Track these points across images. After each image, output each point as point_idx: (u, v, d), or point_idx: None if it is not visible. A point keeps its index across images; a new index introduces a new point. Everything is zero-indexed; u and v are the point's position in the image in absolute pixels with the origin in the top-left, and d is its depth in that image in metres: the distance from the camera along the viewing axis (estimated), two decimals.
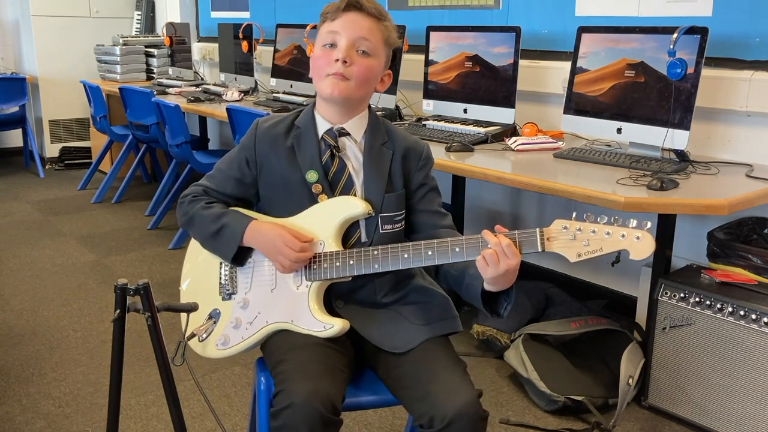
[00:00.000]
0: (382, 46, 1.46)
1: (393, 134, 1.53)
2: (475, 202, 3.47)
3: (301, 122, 1.52)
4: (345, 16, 1.43)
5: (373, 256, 1.39)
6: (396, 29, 1.51)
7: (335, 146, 1.48)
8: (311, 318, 1.44)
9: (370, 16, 1.44)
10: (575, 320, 2.49)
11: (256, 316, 1.49)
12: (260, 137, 1.52)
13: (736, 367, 2.07)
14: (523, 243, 1.28)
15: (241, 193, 1.55)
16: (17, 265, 3.61)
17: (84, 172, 5.41)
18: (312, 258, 1.44)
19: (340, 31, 1.42)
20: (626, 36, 2.40)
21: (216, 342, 1.53)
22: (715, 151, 2.50)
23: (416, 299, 1.53)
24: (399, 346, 1.45)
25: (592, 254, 1.24)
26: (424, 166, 1.54)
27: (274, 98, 3.88)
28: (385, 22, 1.46)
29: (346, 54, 1.41)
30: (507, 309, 1.37)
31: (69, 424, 2.21)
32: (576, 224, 1.25)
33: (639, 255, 1.22)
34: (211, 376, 2.50)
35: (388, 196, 1.48)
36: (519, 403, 2.36)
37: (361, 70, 1.43)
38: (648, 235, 1.21)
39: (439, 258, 1.35)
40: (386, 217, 1.48)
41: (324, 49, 1.45)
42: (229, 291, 1.53)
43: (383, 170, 1.49)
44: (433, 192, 1.55)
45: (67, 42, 5.64)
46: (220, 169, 1.56)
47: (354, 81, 1.43)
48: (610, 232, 1.23)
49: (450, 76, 3.01)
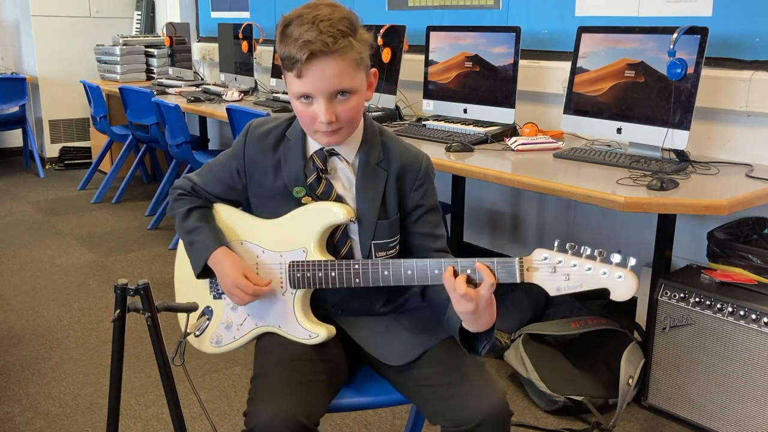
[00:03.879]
0: (357, 72, 1.32)
1: (389, 149, 1.45)
2: (475, 202, 3.47)
3: (291, 134, 1.45)
4: (309, 70, 1.27)
5: (354, 270, 1.36)
6: (361, 28, 1.33)
7: (323, 168, 1.42)
8: (297, 326, 1.43)
9: (333, 56, 1.27)
10: (575, 320, 2.49)
11: (245, 318, 1.49)
12: (249, 145, 1.47)
13: (736, 367, 2.07)
14: (501, 270, 1.21)
15: (229, 196, 1.53)
16: (17, 265, 3.61)
17: (84, 172, 5.41)
18: (296, 265, 1.41)
19: (311, 90, 1.30)
20: (626, 36, 2.40)
21: (210, 340, 1.54)
22: (715, 151, 2.50)
23: (417, 304, 1.51)
24: (396, 358, 1.43)
25: (572, 290, 1.17)
26: (421, 185, 1.45)
27: (274, 98, 3.88)
28: (350, 46, 1.29)
29: (328, 115, 1.30)
30: (485, 348, 1.30)
31: (69, 424, 2.21)
32: (557, 256, 1.17)
33: (620, 296, 1.14)
34: (211, 376, 2.50)
35: (381, 223, 1.42)
36: (519, 403, 2.36)
37: (349, 115, 1.33)
38: (630, 275, 1.13)
39: (418, 279, 1.30)
40: (379, 245, 1.43)
41: (301, 102, 1.33)
42: (219, 291, 1.52)
43: (377, 195, 1.42)
44: (430, 213, 1.47)
45: (67, 42, 5.64)
46: (212, 170, 1.54)
47: (345, 128, 1.35)
48: (591, 267, 1.15)
49: (450, 76, 3.01)
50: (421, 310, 1.50)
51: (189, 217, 1.50)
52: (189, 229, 1.48)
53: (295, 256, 1.42)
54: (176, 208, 1.53)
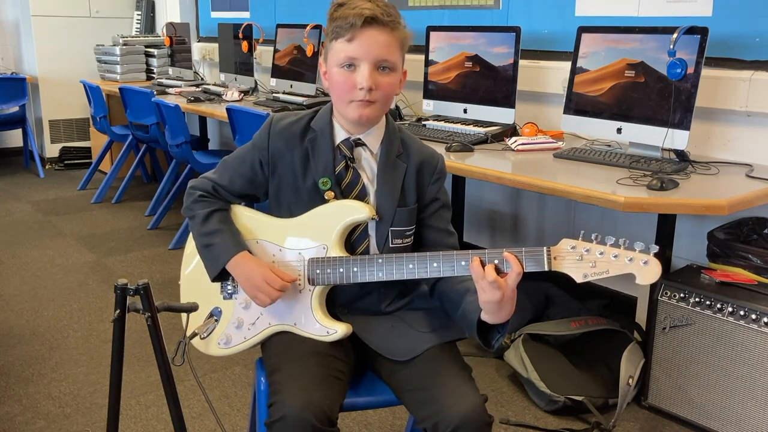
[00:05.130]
0: (400, 56, 1.41)
1: (408, 146, 1.50)
2: (475, 202, 3.47)
3: (317, 125, 1.47)
4: (362, 35, 1.35)
5: (378, 264, 1.37)
6: (406, 27, 1.44)
7: (350, 157, 1.45)
8: (315, 323, 1.43)
9: (386, 28, 1.36)
10: (575, 320, 2.49)
11: (258, 317, 1.49)
12: (274, 137, 1.48)
13: (736, 367, 2.07)
14: (529, 260, 1.25)
15: (249, 191, 1.52)
16: (17, 265, 3.61)
17: (84, 172, 5.41)
18: (316, 262, 1.42)
19: (359, 54, 1.35)
20: (626, 36, 2.40)
21: (218, 341, 1.53)
22: (715, 151, 2.50)
23: (421, 305, 1.52)
24: (402, 353, 1.44)
25: (598, 276, 1.23)
26: (438, 180, 1.51)
27: (274, 98, 3.88)
28: (399, 26, 1.39)
29: (370, 82, 1.36)
30: (498, 341, 1.35)
31: (69, 424, 2.21)
32: (584, 245, 1.24)
33: (646, 280, 1.20)
34: (211, 376, 2.50)
35: (400, 210, 1.46)
36: (519, 403, 2.36)
37: (386, 90, 1.39)
38: (655, 261, 1.19)
39: (444, 270, 1.32)
40: (397, 231, 1.46)
41: (343, 71, 1.38)
42: (230, 291, 1.52)
43: (397, 183, 1.46)
44: (444, 209, 1.52)
45: (67, 42, 5.64)
46: (231, 166, 1.52)
47: (379, 103, 1.39)
48: (618, 254, 1.21)
49: (450, 76, 3.01)
50: (426, 310, 1.51)
51: (210, 220, 1.48)
52: (209, 231, 1.47)
53: (315, 253, 1.43)
54: (196, 209, 1.50)
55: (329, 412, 1.29)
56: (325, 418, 1.27)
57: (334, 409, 1.31)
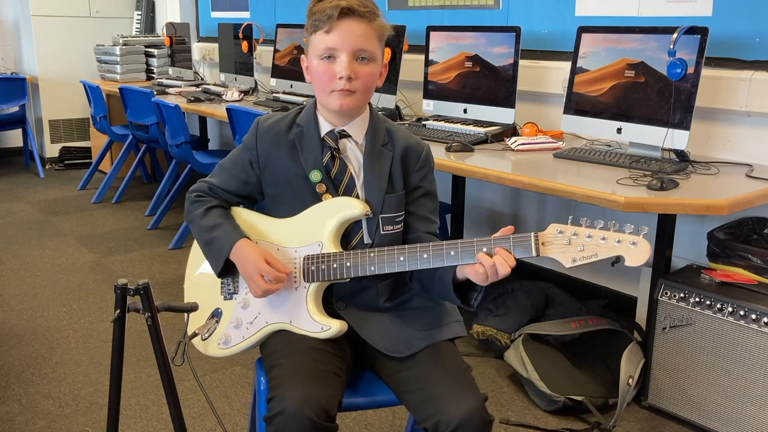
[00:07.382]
0: (379, 46, 1.44)
1: (393, 134, 1.52)
2: (475, 202, 3.47)
3: (302, 121, 1.51)
4: (340, 26, 1.39)
5: (369, 258, 1.39)
6: (384, 17, 1.48)
7: (335, 148, 1.48)
8: (309, 319, 1.44)
9: (363, 19, 1.40)
10: (575, 320, 2.49)
11: (256, 316, 1.50)
12: (261, 136, 1.51)
13: (736, 367, 2.07)
14: (517, 247, 1.26)
15: (245, 191, 1.55)
16: (17, 265, 3.61)
17: (84, 172, 5.41)
18: (310, 258, 1.44)
19: (337, 45, 1.39)
20: (626, 36, 2.40)
21: (218, 341, 1.53)
22: (715, 151, 2.50)
23: (419, 304, 1.53)
24: (400, 350, 1.44)
25: (587, 260, 1.23)
26: (422, 167, 1.52)
27: (274, 98, 3.88)
28: (377, 18, 1.43)
29: (349, 71, 1.39)
30: (477, 299, 1.38)
31: (69, 424, 2.21)
32: (571, 229, 1.24)
33: (635, 261, 1.20)
34: (211, 376, 2.50)
35: (388, 197, 1.48)
36: (519, 403, 2.36)
37: (365, 80, 1.42)
38: (644, 241, 1.19)
39: (434, 261, 1.33)
40: (387, 218, 1.48)
41: (323, 62, 1.42)
42: (230, 291, 1.53)
43: (383, 171, 1.48)
44: (426, 197, 1.53)
45: (67, 42, 5.64)
46: (225, 168, 1.56)
47: (360, 93, 1.42)
48: (606, 237, 1.21)
49: (450, 76, 3.01)
50: (424, 309, 1.52)
51: (208, 216, 1.51)
52: (208, 226, 1.49)
53: (310, 251, 1.44)
54: (194, 210, 1.53)
55: (328, 407, 1.30)
56: (323, 413, 1.28)
57: (333, 404, 1.32)
